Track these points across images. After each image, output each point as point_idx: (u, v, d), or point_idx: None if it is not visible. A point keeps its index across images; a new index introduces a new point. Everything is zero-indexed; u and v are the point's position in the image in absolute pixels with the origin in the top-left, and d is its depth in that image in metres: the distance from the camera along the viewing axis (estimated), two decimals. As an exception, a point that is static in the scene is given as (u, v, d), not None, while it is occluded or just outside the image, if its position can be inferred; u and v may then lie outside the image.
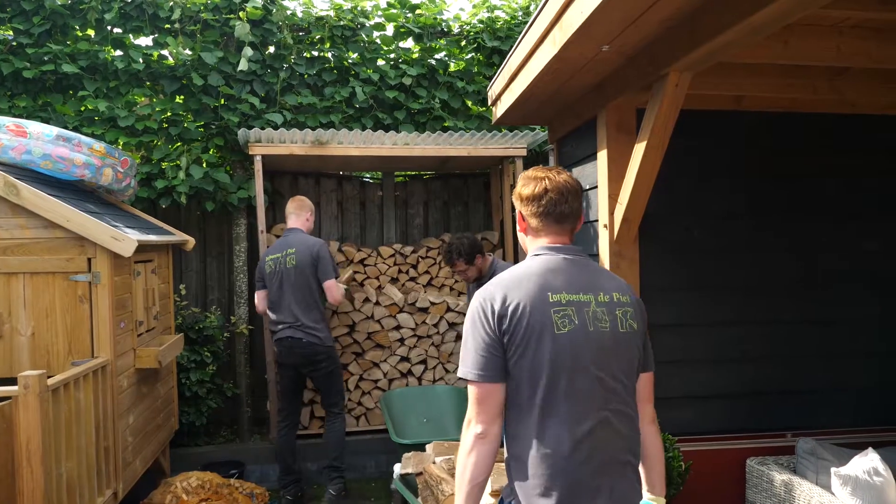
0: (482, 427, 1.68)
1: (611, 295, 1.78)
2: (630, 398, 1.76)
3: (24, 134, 3.36)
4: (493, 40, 5.29)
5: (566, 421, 1.66)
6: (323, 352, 4.17)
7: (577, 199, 1.88)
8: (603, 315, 1.74)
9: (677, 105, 2.76)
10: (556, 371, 1.66)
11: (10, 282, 3.07)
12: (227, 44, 4.90)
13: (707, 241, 3.38)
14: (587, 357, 1.68)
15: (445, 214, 5.76)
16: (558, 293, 1.72)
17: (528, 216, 1.88)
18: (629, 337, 1.75)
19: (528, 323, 1.67)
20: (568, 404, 1.66)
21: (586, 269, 1.82)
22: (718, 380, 3.37)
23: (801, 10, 2.01)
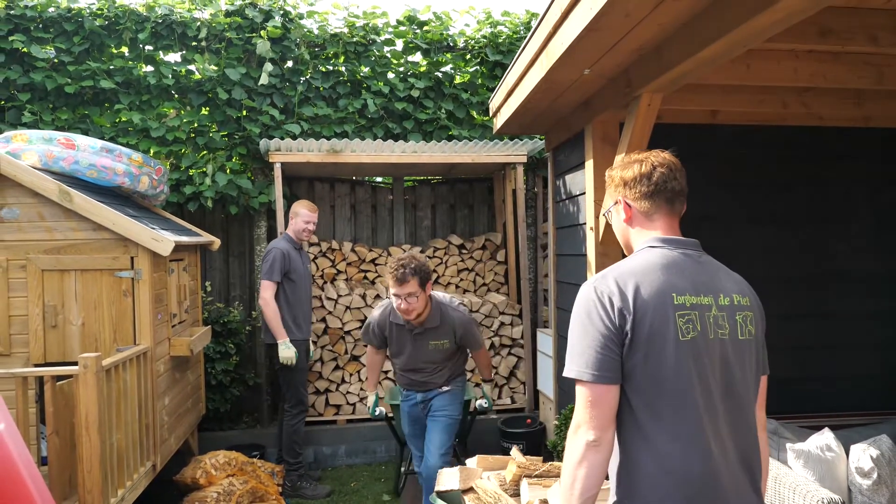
0: (595, 434, 1.49)
1: (731, 297, 1.61)
2: (750, 410, 1.59)
3: (73, 146, 3.77)
4: (496, 54, 5.66)
5: (690, 437, 1.49)
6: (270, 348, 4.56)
7: (684, 177, 1.72)
8: (723, 321, 1.57)
9: (651, 122, 3.12)
10: (678, 381, 1.49)
11: (63, 278, 3.48)
12: (248, 60, 5.30)
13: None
14: (708, 368, 1.52)
15: (452, 217, 6.12)
16: (683, 295, 1.54)
17: (635, 200, 1.69)
18: (748, 344, 1.60)
19: (652, 323, 1.50)
20: (689, 418, 1.49)
21: (707, 268, 1.63)
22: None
23: (743, 47, 2.36)
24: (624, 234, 1.76)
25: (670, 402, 1.50)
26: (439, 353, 3.52)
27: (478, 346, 3.67)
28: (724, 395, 1.54)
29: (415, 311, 3.32)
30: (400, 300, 3.26)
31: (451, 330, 3.48)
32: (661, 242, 1.63)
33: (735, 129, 3.79)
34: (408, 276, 3.22)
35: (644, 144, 3.18)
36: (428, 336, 3.46)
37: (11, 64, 4.90)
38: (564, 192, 4.33)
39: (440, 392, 3.58)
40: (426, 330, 3.44)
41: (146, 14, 5.07)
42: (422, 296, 3.29)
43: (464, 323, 3.51)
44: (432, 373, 3.55)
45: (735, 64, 3.06)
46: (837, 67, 3.12)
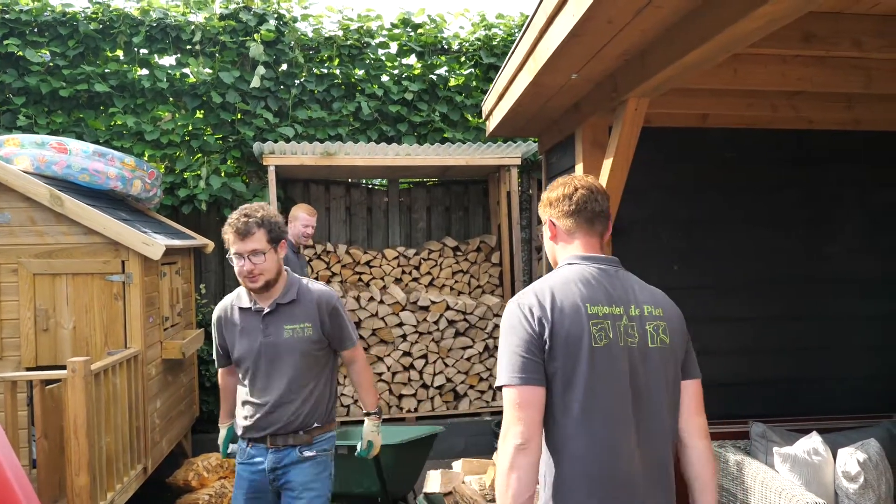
0: (522, 437, 1.55)
1: (642, 308, 1.71)
2: (661, 415, 1.67)
3: (65, 150, 3.79)
4: (490, 56, 5.67)
5: (603, 440, 1.59)
6: None
7: (606, 200, 1.87)
8: (632, 330, 1.66)
9: (638, 126, 3.12)
10: (591, 384, 1.59)
11: (54, 282, 3.50)
12: (243, 63, 5.32)
13: (675, 246, 3.73)
14: (620, 373, 1.62)
15: (447, 219, 6.13)
16: (596, 305, 1.65)
17: (558, 218, 1.82)
18: (659, 352, 1.68)
19: (569, 331, 1.61)
20: (602, 421, 1.59)
21: (621, 281, 1.75)
22: (685, 371, 3.71)
23: (725, 53, 2.37)
24: (551, 251, 1.88)
25: (585, 406, 1.60)
26: (300, 352, 2.54)
27: (351, 342, 2.68)
28: (634, 399, 1.64)
29: (262, 275, 2.46)
30: (243, 260, 2.43)
31: (315, 309, 2.58)
32: (580, 259, 1.76)
33: (725, 132, 3.79)
34: (252, 227, 2.44)
35: (632, 148, 3.19)
36: (282, 317, 2.55)
37: (6, 68, 4.92)
38: (556, 195, 4.33)
39: (300, 461, 2.53)
40: (279, 308, 2.55)
41: (140, 18, 5.09)
42: (272, 256, 2.48)
43: (330, 299, 2.60)
44: (288, 396, 2.52)
45: (722, 69, 3.07)
46: (824, 71, 3.12)
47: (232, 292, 2.70)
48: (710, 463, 1.74)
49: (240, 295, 2.62)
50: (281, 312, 2.56)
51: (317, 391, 2.59)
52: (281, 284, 2.57)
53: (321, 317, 2.59)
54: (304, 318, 2.57)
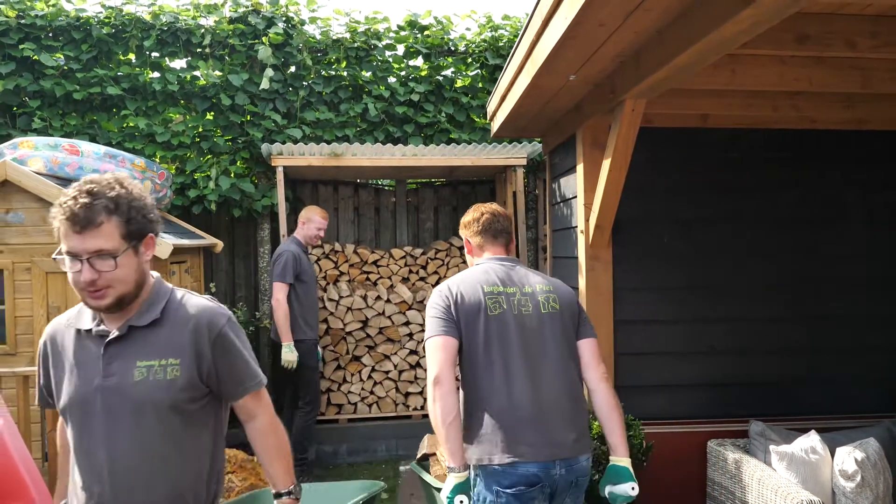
0: (436, 372, 2.11)
1: (534, 286, 2.32)
2: (553, 361, 2.22)
3: (77, 152, 3.89)
4: (497, 58, 5.71)
5: (499, 382, 2.15)
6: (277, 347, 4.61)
7: (507, 220, 2.49)
8: (526, 302, 2.26)
9: (635, 127, 3.16)
10: (488, 343, 2.18)
11: (66, 280, 3.58)
12: (252, 66, 5.40)
13: (675, 246, 3.75)
14: (511, 333, 2.20)
15: (454, 219, 6.17)
16: (491, 286, 2.27)
17: (471, 236, 2.47)
18: (551, 316, 2.27)
19: (468, 305, 2.21)
20: (500, 368, 2.16)
21: (517, 271, 2.36)
22: (687, 371, 3.72)
23: (715, 55, 2.40)
24: (469, 261, 2.50)
25: (485, 360, 2.17)
26: (156, 406, 1.65)
27: (253, 384, 1.83)
28: (528, 352, 2.19)
29: (111, 289, 1.60)
30: (78, 264, 1.57)
31: (189, 336, 1.70)
32: (486, 260, 2.40)
33: (727, 132, 3.81)
34: (98, 213, 1.57)
35: (630, 148, 3.22)
36: (135, 348, 1.67)
37: (22, 71, 5.04)
38: (559, 196, 4.38)
39: None
40: (132, 332, 1.67)
41: (152, 22, 5.19)
42: (129, 260, 1.63)
43: (214, 320, 1.74)
44: (136, 477, 1.64)
45: (719, 69, 3.09)
46: (822, 71, 3.13)
47: (75, 306, 1.80)
48: (611, 401, 2.27)
49: (81, 311, 1.75)
50: (133, 340, 1.67)
51: (187, 470, 1.70)
52: (142, 295, 1.71)
53: (198, 348, 1.69)
54: (168, 350, 1.67)
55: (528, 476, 2.10)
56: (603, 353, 3.67)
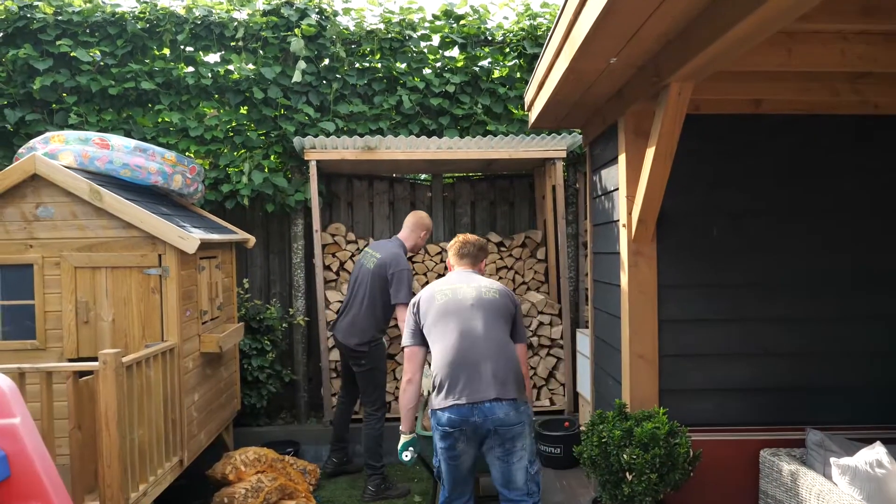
0: (407, 375, 3.17)
1: (479, 283, 3.15)
2: (495, 331, 2.98)
3: (107, 146, 3.85)
4: (535, 47, 5.51)
5: (447, 342, 2.94)
6: (361, 353, 4.43)
7: (474, 246, 3.35)
8: (467, 292, 3.08)
9: (682, 112, 2.94)
10: (437, 320, 3.02)
11: (94, 275, 3.56)
12: (285, 58, 5.33)
13: (725, 240, 3.51)
14: (455, 312, 3.01)
15: (492, 214, 6.01)
16: (443, 287, 3.14)
17: (450, 257, 3.38)
18: (490, 300, 3.06)
19: (425, 304, 3.11)
20: (447, 334, 2.96)
21: (469, 277, 3.21)
22: (737, 374, 3.49)
23: (772, 28, 2.18)
24: None
25: (437, 331, 3.03)
26: None
27: None
28: (466, 322, 2.98)
29: None
30: None
31: None
32: (455, 273, 3.32)
33: (781, 118, 3.55)
34: None
35: (676, 136, 3.01)
36: None
37: (60, 68, 5.06)
38: (600, 188, 4.17)
39: None
40: None
41: (185, 16, 5.15)
42: None
43: None
44: None
45: (774, 48, 2.85)
46: (892, 49, 2.87)
47: None
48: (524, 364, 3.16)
49: None
50: None
51: None
52: None
53: None
54: None
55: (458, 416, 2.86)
56: (647, 354, 3.49)
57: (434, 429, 2.94)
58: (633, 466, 2.91)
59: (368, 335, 4.45)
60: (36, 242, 3.54)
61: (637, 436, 2.95)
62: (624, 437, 2.99)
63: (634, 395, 3.46)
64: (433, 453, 3.53)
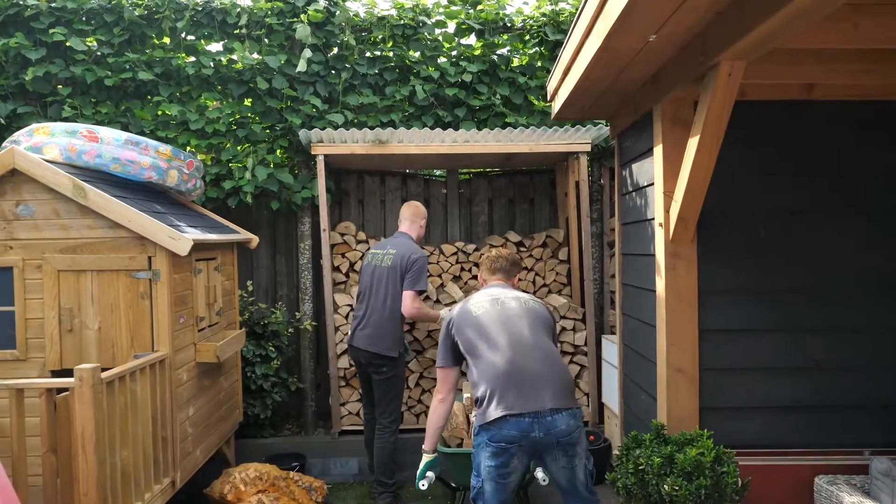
0: (441, 395, 3.00)
1: (516, 294, 3.05)
2: (542, 339, 2.85)
3: (96, 139, 3.56)
4: (557, 33, 5.16)
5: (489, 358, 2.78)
6: (383, 358, 4.14)
7: (507, 261, 3.24)
8: (509, 302, 2.96)
9: (731, 96, 2.59)
10: (481, 330, 2.86)
11: (79, 279, 3.26)
12: (292, 47, 5.02)
13: (774, 241, 3.16)
14: (491, 324, 2.86)
15: (510, 212, 5.68)
16: (480, 300, 3.01)
17: (482, 272, 3.27)
18: (532, 308, 2.97)
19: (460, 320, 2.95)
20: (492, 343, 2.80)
21: (507, 289, 3.10)
22: (786, 390, 3.15)
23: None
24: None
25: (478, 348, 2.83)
26: None
27: None
28: (510, 334, 2.81)
29: None
30: None
31: None
32: (489, 287, 3.16)
33: (837, 105, 3.18)
34: None
35: (723, 123, 2.66)
36: None
37: (54, 58, 4.79)
38: (631, 184, 3.82)
39: None
40: None
41: (186, 2, 4.85)
42: None
43: None
44: None
45: (838, 24, 2.49)
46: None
47: None
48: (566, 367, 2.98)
49: None
50: None
51: None
52: None
53: None
54: None
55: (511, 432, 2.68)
56: (686, 367, 3.14)
57: (482, 447, 2.70)
58: (675, 499, 2.56)
59: (397, 338, 4.20)
60: (16, 243, 3.26)
61: (679, 463, 2.60)
62: (664, 465, 2.65)
63: (672, 413, 3.12)
64: (454, 471, 3.57)
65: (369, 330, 4.17)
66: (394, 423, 4.19)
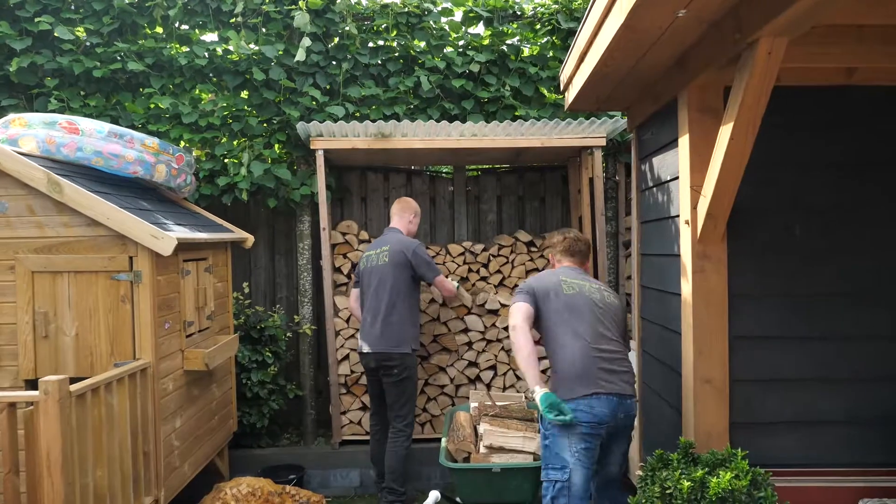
0: (513, 321, 2.95)
1: (599, 286, 3.16)
2: (614, 332, 3.02)
3: (77, 131, 3.32)
4: (570, 21, 4.89)
5: (569, 342, 2.92)
6: (396, 358, 3.93)
7: (583, 243, 3.35)
8: (594, 292, 3.08)
9: (770, 79, 2.32)
10: (562, 315, 2.98)
11: (55, 281, 3.03)
12: (289, 36, 4.77)
13: (811, 241, 2.88)
14: (582, 307, 3.00)
15: (520, 210, 5.42)
16: (567, 278, 3.10)
17: (555, 254, 3.35)
18: (611, 303, 3.11)
19: (542, 292, 3.03)
20: (571, 334, 2.93)
21: (583, 274, 3.23)
22: (826, 403, 2.88)
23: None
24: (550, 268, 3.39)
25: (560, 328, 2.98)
26: None
27: None
28: (593, 322, 2.97)
29: None
30: None
31: None
32: (563, 268, 3.28)
33: (880, 91, 2.90)
34: None
35: (761, 108, 2.39)
36: None
37: (40, 48, 4.56)
38: (651, 179, 3.55)
39: None
40: None
41: (178, -11, 4.62)
42: None
43: None
44: None
45: (892, -3, 2.22)
46: None
47: None
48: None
49: None
50: None
51: None
52: None
53: None
54: None
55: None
56: (716, 378, 2.88)
57: (566, 434, 2.78)
58: (708, 529, 2.29)
59: (408, 335, 4.01)
60: (-13, 243, 3.02)
61: (712, 488, 2.33)
62: (695, 490, 2.38)
63: (699, 429, 2.85)
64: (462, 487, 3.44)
65: (378, 330, 3.97)
66: (408, 426, 4.02)
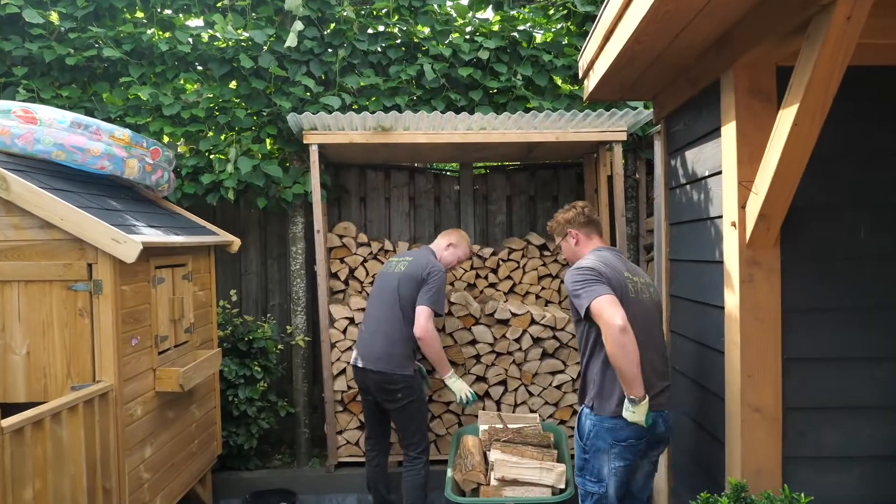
0: (623, 321, 2.46)
1: (646, 280, 2.89)
2: (663, 343, 2.85)
3: (34, 121, 2.94)
4: (587, 5, 4.49)
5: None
6: (398, 381, 3.53)
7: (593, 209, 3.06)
8: (644, 290, 2.81)
9: (847, 51, 1.93)
10: (633, 319, 2.54)
11: (2, 291, 2.64)
12: (281, 20, 4.38)
13: (879, 244, 2.48)
14: (643, 311, 2.73)
15: (532, 211, 5.03)
16: (626, 273, 2.76)
17: (577, 227, 2.96)
18: (657, 301, 2.91)
19: (614, 284, 2.62)
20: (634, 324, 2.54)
21: (624, 261, 2.88)
22: (893, 434, 2.47)
23: None
24: (573, 252, 3.00)
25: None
26: None
27: None
28: (647, 327, 2.72)
29: None
30: None
31: None
32: (604, 248, 2.93)
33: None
34: None
35: (833, 87, 2.01)
36: None
37: (8, 34, 4.18)
38: (684, 175, 3.15)
39: None
40: None
41: (159, -32, 4.24)
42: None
43: None
44: None
45: None
46: None
47: None
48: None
49: None
50: None
51: None
52: None
53: None
54: None
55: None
56: (767, 406, 2.48)
57: (605, 450, 2.63)
58: None
59: (411, 353, 3.62)
60: (-72, 248, 2.63)
61: None
62: (753, 546, 1.97)
63: (747, 464, 2.47)
64: None
65: (377, 346, 3.56)
66: (423, 453, 3.64)
